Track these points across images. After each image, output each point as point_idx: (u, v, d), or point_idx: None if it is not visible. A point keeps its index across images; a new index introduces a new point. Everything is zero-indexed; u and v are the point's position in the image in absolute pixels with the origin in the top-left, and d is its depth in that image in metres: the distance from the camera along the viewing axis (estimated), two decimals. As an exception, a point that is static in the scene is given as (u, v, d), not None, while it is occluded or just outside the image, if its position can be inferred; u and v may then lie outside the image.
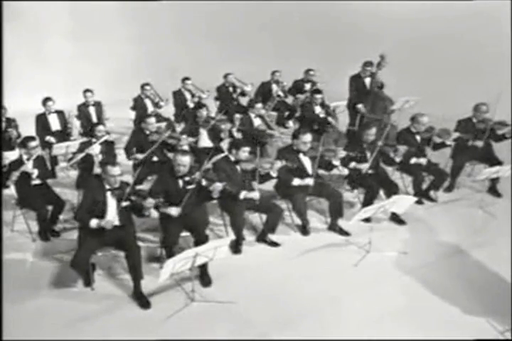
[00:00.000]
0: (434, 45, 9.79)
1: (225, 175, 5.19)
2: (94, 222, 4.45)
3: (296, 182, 5.53)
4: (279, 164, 5.36)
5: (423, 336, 4.05)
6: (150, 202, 4.45)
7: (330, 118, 7.62)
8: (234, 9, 11.07)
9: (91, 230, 4.51)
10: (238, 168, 5.37)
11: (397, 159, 6.04)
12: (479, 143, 6.34)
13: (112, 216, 4.55)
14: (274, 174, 5.38)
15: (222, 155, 5.52)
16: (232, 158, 5.37)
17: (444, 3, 9.55)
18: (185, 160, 4.80)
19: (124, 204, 4.50)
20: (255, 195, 5.22)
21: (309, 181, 5.52)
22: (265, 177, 5.39)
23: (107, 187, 4.58)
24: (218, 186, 4.78)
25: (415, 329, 4.14)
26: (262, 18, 11.20)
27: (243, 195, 5.20)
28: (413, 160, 6.16)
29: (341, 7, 10.54)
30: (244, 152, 5.34)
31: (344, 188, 6.23)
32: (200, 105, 7.28)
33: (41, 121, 7.26)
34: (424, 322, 4.22)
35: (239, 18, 11.14)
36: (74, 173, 6.80)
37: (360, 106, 7.73)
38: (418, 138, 6.30)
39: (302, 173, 5.59)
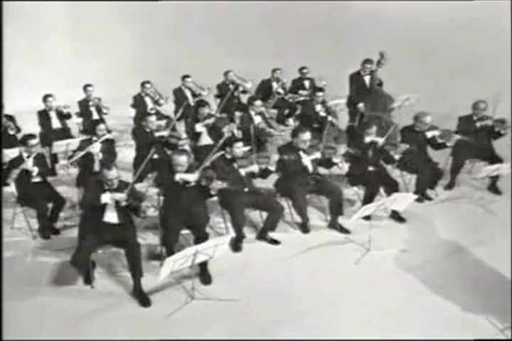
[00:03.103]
0: (434, 43, 9.75)
1: (224, 173, 5.18)
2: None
3: None
4: (275, 157, 5.34)
5: (423, 334, 4.05)
6: (146, 205, 4.46)
7: (330, 118, 7.52)
8: (234, 8, 11.04)
9: (91, 228, 4.52)
10: (235, 165, 5.36)
11: (397, 157, 6.03)
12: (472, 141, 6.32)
13: (111, 214, 4.55)
14: (272, 168, 5.37)
15: (219, 153, 5.51)
16: (228, 156, 5.37)
17: (444, 3, 9.52)
18: (182, 160, 4.79)
19: (123, 203, 4.50)
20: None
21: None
22: (265, 173, 5.38)
23: (106, 187, 4.57)
24: (217, 185, 4.78)
25: (415, 327, 4.14)
26: (262, 16, 11.18)
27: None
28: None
29: (341, 6, 10.51)
30: (238, 148, 5.31)
31: (344, 186, 6.22)
32: (203, 103, 7.23)
33: (43, 117, 7.28)
34: (424, 320, 4.21)
35: (239, 16, 11.11)
36: (74, 171, 6.80)
37: (360, 105, 7.69)
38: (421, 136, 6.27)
39: (301, 170, 5.57)
